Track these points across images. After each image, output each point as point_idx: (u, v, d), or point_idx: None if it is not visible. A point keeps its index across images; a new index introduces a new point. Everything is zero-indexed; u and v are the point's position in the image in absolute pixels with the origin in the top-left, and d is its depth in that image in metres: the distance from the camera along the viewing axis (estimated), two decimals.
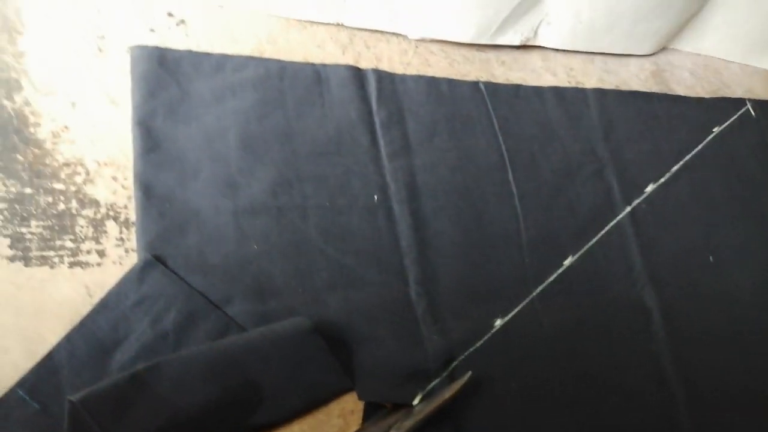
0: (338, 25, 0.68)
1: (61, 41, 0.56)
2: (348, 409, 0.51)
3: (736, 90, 0.88)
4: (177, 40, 0.60)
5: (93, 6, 0.59)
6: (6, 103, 0.52)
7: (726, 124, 0.81)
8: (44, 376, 0.43)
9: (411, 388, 0.52)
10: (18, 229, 0.48)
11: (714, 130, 0.80)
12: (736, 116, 0.81)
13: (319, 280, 0.53)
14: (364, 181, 0.60)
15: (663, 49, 0.89)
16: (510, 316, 0.59)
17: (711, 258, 0.72)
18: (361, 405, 0.51)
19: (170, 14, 0.61)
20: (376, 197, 0.59)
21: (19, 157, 0.50)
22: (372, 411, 0.51)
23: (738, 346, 0.68)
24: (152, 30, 0.60)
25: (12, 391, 0.42)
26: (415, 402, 0.51)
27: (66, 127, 0.53)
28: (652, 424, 0.60)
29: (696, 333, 0.66)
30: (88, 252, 0.49)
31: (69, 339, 0.44)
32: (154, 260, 0.48)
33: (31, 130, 0.52)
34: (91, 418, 0.41)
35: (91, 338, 0.44)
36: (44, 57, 0.55)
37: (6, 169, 0.50)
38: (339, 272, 0.54)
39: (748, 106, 0.82)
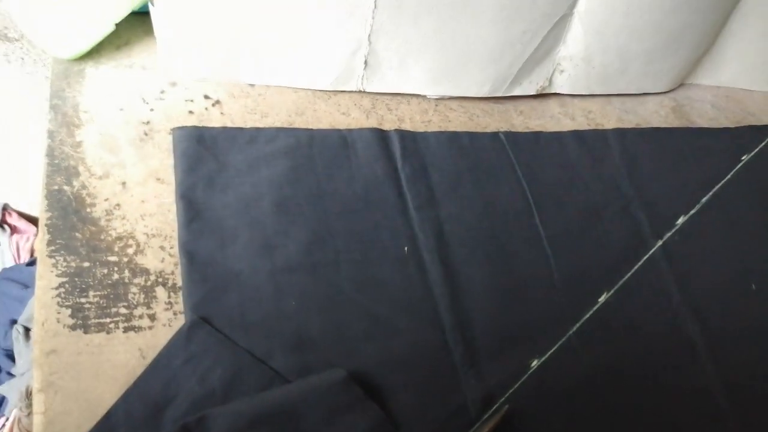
0: (360, 92, 0.73)
1: (112, 130, 0.63)
2: None
3: (761, 117, 0.88)
4: (214, 119, 0.66)
5: (138, 96, 0.66)
6: (66, 188, 0.58)
7: (755, 151, 0.81)
8: None
9: None
10: (78, 300, 0.52)
11: (743, 158, 0.80)
12: (765, 142, 0.81)
13: (354, 331, 0.55)
14: (393, 234, 0.62)
15: (681, 85, 0.90)
16: (547, 355, 0.60)
17: (753, 286, 0.71)
18: None
19: (206, 96, 0.68)
20: (406, 248, 0.62)
21: (78, 235, 0.56)
22: None
23: None
24: (191, 112, 0.66)
25: None
26: None
27: (118, 205, 0.58)
28: None
29: (745, 363, 0.65)
30: (140, 317, 0.53)
31: (125, 399, 0.48)
32: (200, 320, 0.51)
33: (88, 210, 0.57)
34: None
35: (145, 397, 0.48)
36: (98, 145, 0.61)
37: (67, 246, 0.55)
38: (374, 323, 0.56)
39: None
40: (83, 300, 0.53)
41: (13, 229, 1.22)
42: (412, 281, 0.60)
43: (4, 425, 0.93)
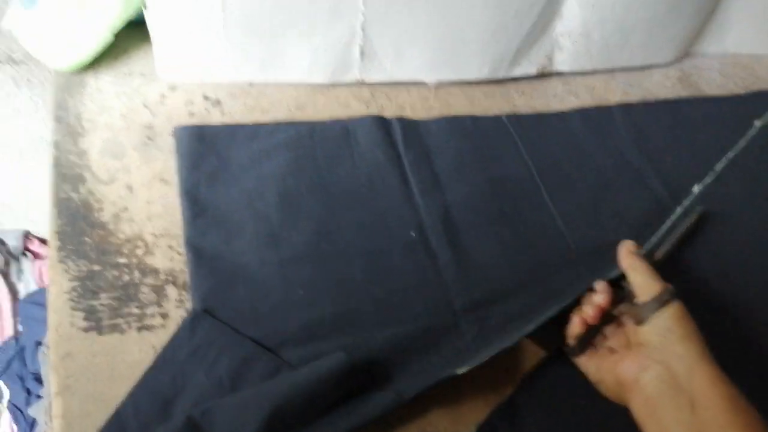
0: (359, 83, 0.73)
1: (116, 136, 0.63)
2: None
3: None
4: (215, 119, 0.67)
5: (139, 102, 0.66)
6: (73, 195, 0.59)
7: None
8: None
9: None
10: (90, 303, 0.53)
11: (756, 123, 0.78)
12: None
13: (365, 319, 0.55)
14: (399, 220, 0.62)
15: (686, 54, 0.89)
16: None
17: None
18: None
19: (206, 97, 0.68)
20: (413, 234, 0.61)
21: (87, 240, 0.56)
22: None
23: None
24: (192, 113, 0.67)
25: None
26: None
27: (125, 208, 0.59)
28: None
29: None
30: (153, 316, 0.53)
31: (133, 396, 0.48)
32: (202, 312, 0.51)
33: (96, 215, 0.58)
34: None
35: (153, 392, 0.48)
36: (102, 151, 0.62)
37: (77, 251, 0.55)
38: (385, 310, 0.56)
39: None
40: (95, 302, 0.53)
41: (35, 255, 1.24)
42: (422, 266, 0.60)
43: None
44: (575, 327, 0.52)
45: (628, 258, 0.53)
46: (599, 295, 0.52)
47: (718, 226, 0.68)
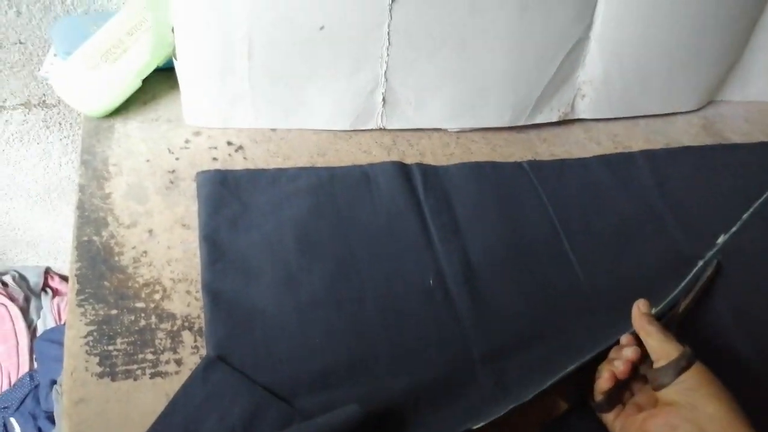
0: (381, 129, 0.74)
1: (140, 180, 0.64)
2: None
3: None
4: (237, 164, 0.67)
5: (164, 147, 0.68)
6: (95, 238, 0.59)
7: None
8: None
9: None
10: (105, 348, 0.53)
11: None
12: None
13: (382, 366, 0.54)
14: (418, 267, 0.61)
15: (710, 102, 0.88)
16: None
17: None
18: None
19: (229, 143, 0.69)
20: (431, 281, 0.61)
21: (106, 284, 0.56)
22: None
23: None
24: (215, 158, 0.67)
25: None
26: None
27: (145, 253, 0.59)
28: None
29: None
30: (167, 362, 0.53)
31: None
32: (215, 359, 0.51)
33: (116, 258, 0.58)
34: None
35: None
36: (126, 195, 0.63)
37: (95, 295, 0.55)
38: (401, 357, 0.55)
39: None
40: (111, 348, 0.53)
41: (55, 292, 1.25)
42: (440, 314, 0.59)
43: None
44: (605, 381, 0.50)
45: (641, 320, 0.52)
46: (629, 349, 0.51)
47: (737, 277, 0.66)
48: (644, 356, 0.51)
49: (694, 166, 0.77)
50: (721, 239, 0.69)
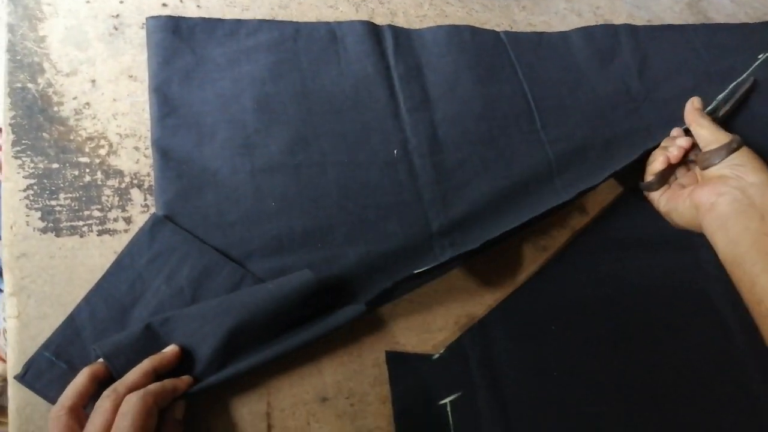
0: None
1: (79, 24, 0.58)
2: (381, 359, 0.51)
3: None
4: (190, 12, 0.61)
5: None
6: (30, 86, 0.54)
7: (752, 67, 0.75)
8: (68, 337, 0.44)
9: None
10: (48, 203, 0.50)
11: (759, 56, 0.74)
12: None
13: (338, 234, 0.53)
14: (383, 136, 0.59)
15: None
16: (538, 265, 0.57)
17: None
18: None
19: None
20: (396, 151, 0.58)
21: (45, 135, 0.52)
22: (395, 357, 0.50)
23: None
24: (164, 5, 0.61)
25: (39, 354, 0.44)
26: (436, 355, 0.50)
27: (88, 104, 0.54)
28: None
29: None
30: (115, 220, 0.50)
31: (88, 301, 0.46)
32: (163, 218, 0.49)
33: (55, 109, 0.53)
34: (110, 365, 0.42)
35: (109, 298, 0.46)
36: (64, 40, 0.57)
37: (33, 147, 0.51)
38: (359, 226, 0.54)
39: None
40: (53, 203, 0.50)
41: None
42: (402, 185, 0.57)
43: None
44: (659, 164, 0.58)
45: (694, 114, 0.59)
46: (682, 139, 0.59)
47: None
48: (692, 145, 0.58)
49: (675, 45, 0.74)
50: (762, 55, 0.73)
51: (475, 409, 0.50)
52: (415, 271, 0.48)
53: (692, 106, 0.61)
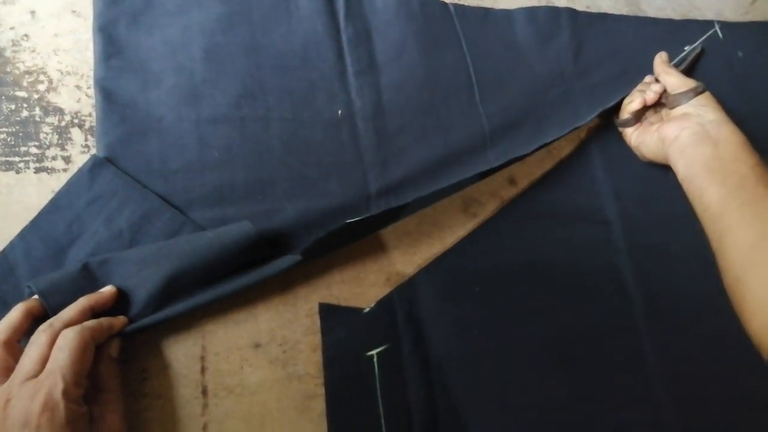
0: None
1: None
2: (314, 310, 0.53)
3: (706, 13, 0.87)
4: None
5: None
6: None
7: (695, 45, 0.82)
8: (1, 274, 0.44)
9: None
10: None
11: (686, 48, 0.80)
12: (703, 38, 0.81)
13: (279, 189, 0.54)
14: (328, 96, 0.60)
15: None
16: (476, 225, 0.61)
17: None
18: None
19: None
20: (340, 112, 0.60)
21: None
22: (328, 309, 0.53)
23: (699, 261, 0.69)
24: None
25: None
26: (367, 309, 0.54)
27: (26, 36, 0.53)
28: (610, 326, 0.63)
29: (656, 246, 0.68)
30: (54, 158, 0.50)
31: (23, 238, 0.46)
32: (104, 160, 0.49)
33: None
34: (45, 302, 0.42)
35: (46, 237, 0.46)
36: None
37: None
38: (300, 183, 0.55)
39: (716, 28, 0.82)
40: None
41: None
42: (343, 146, 0.59)
43: None
44: (636, 104, 0.66)
45: (663, 65, 0.69)
46: (655, 84, 0.67)
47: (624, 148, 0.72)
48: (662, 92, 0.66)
49: (609, 34, 0.78)
50: (688, 47, 0.79)
51: (400, 362, 0.54)
52: (348, 221, 0.51)
53: (660, 59, 0.71)
